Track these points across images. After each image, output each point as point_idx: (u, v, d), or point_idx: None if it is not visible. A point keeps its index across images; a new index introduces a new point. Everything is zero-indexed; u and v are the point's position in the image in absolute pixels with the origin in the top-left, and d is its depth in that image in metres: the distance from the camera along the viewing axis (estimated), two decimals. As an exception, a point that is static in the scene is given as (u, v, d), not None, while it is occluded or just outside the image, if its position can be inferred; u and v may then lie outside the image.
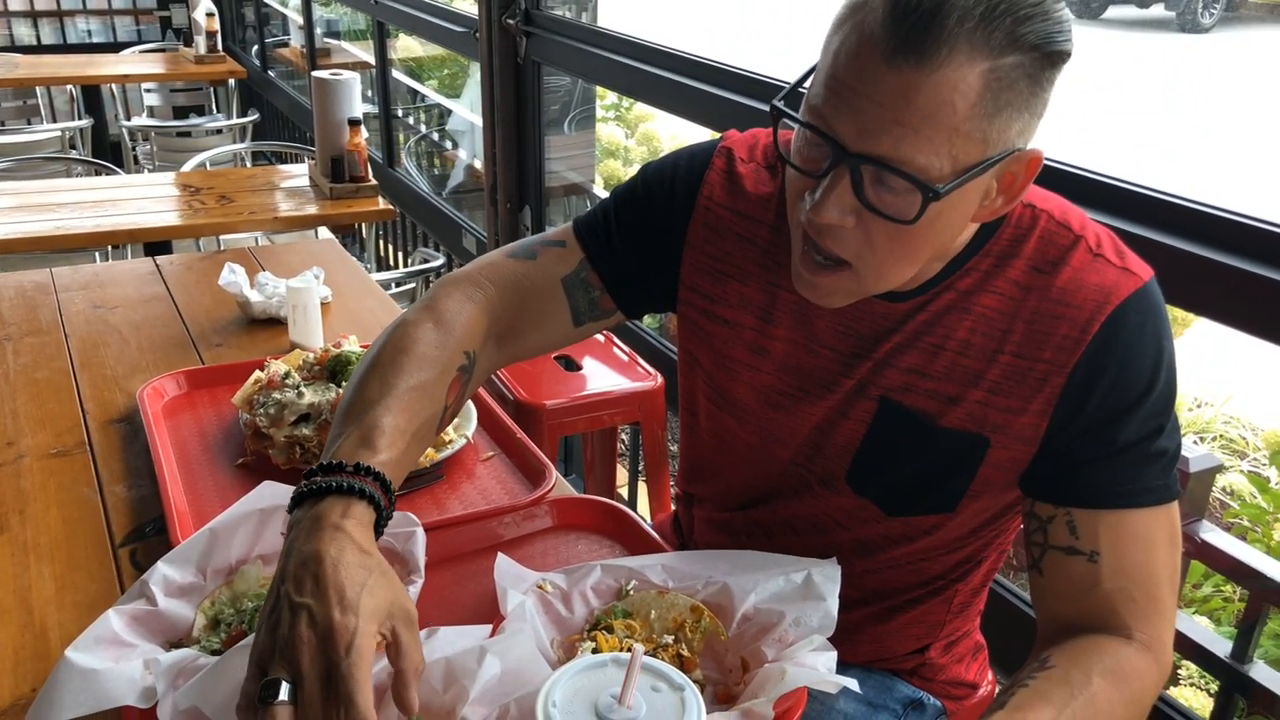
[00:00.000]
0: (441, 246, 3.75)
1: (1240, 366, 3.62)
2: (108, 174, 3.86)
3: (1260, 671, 1.53)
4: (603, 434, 2.42)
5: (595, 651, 0.96)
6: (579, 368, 2.26)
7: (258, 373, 1.45)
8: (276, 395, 1.37)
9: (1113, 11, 11.42)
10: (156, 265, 2.07)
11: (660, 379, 2.24)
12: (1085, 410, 0.97)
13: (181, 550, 1.08)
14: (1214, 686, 2.19)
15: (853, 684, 0.93)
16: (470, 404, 1.47)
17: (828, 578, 1.05)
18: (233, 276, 1.77)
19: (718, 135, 1.21)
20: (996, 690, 1.33)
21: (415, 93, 4.60)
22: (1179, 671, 2.22)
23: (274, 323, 1.78)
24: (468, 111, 4.14)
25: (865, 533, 1.14)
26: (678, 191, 1.14)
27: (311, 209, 3.15)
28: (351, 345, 1.46)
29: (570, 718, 0.70)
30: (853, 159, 0.87)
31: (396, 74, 4.38)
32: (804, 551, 1.11)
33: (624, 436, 3.10)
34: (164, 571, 1.05)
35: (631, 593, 1.08)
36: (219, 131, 5.12)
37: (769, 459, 1.16)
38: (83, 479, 1.34)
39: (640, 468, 2.62)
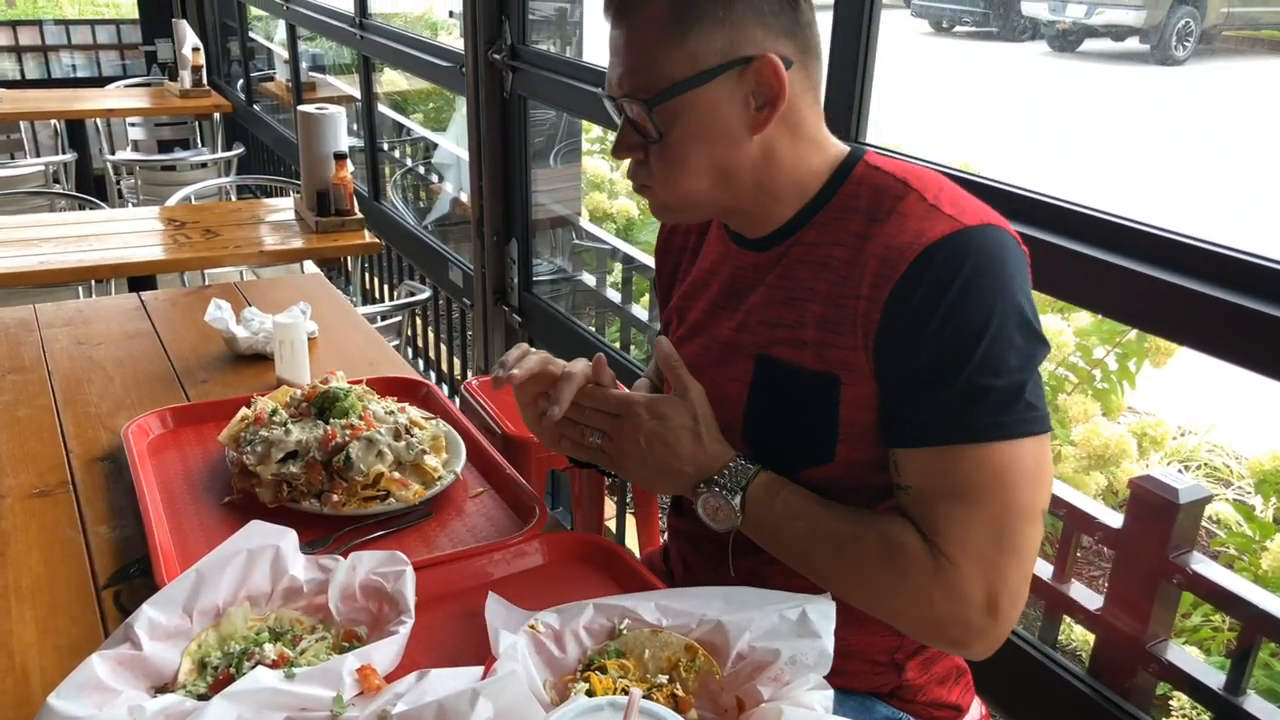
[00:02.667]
0: (428, 280, 3.75)
1: (1223, 395, 3.63)
2: (91, 208, 3.84)
3: (1254, 703, 1.53)
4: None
5: (589, 693, 0.95)
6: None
7: (244, 409, 1.43)
8: (264, 432, 1.35)
9: (1089, 45, 11.59)
10: (141, 301, 2.06)
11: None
12: (897, 344, 1.03)
13: (167, 592, 1.06)
14: (1205, 718, 2.19)
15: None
16: (459, 439, 1.46)
17: (823, 614, 1.04)
18: (219, 312, 1.76)
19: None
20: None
21: (401, 127, 4.61)
22: (1170, 703, 2.21)
23: (260, 359, 1.77)
24: (454, 145, 4.15)
25: None
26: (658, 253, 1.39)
27: (297, 243, 3.15)
28: (339, 381, 1.45)
29: (566, 762, 0.69)
30: (616, 103, 1.10)
31: (382, 108, 4.39)
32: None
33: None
34: (149, 614, 1.04)
35: (625, 632, 1.07)
36: (203, 165, 5.11)
37: None
38: (65, 519, 1.32)
39: (629, 500, 2.61)
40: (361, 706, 0.94)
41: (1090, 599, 1.72)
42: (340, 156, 3.15)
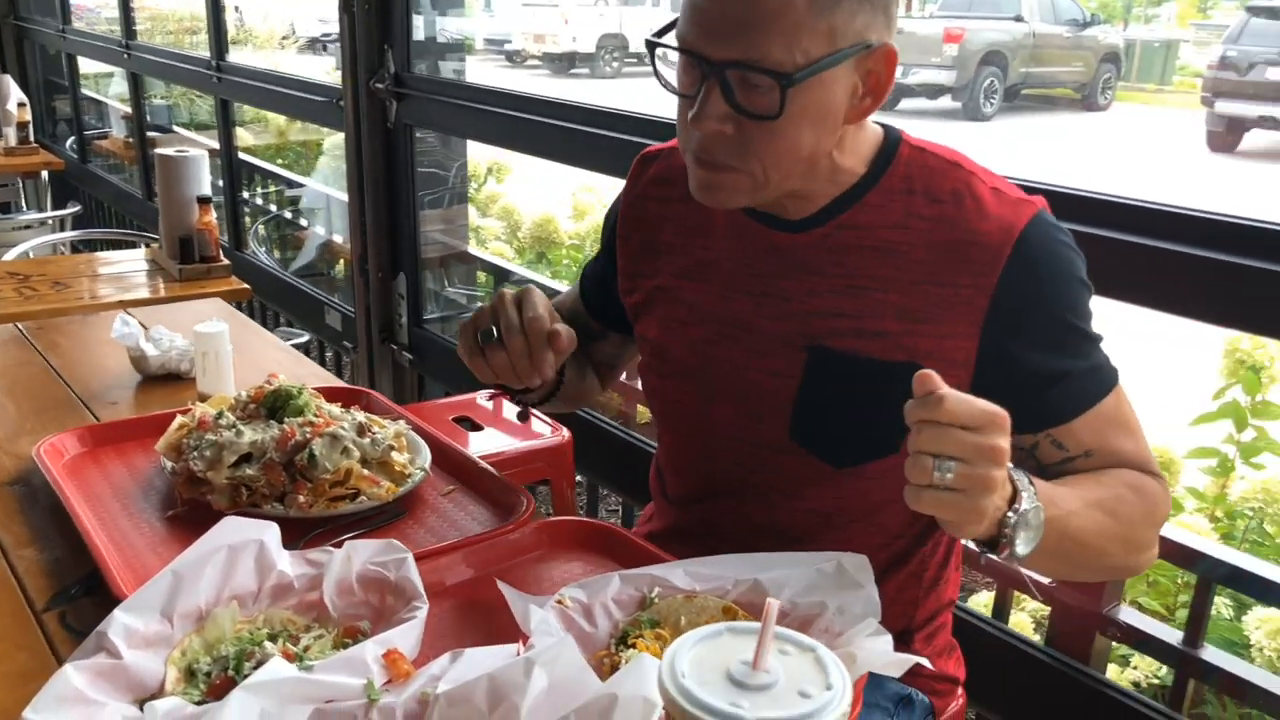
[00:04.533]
0: (300, 328, 3.58)
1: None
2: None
3: (1211, 654, 1.57)
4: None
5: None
6: (481, 428, 2.17)
7: (181, 418, 1.30)
8: (211, 437, 1.23)
9: (906, 103, 12.29)
10: (19, 329, 1.86)
11: (567, 434, 2.17)
12: (1014, 327, 1.04)
13: (141, 596, 0.93)
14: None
15: (924, 661, 0.89)
16: (419, 438, 1.37)
17: (858, 566, 1.00)
18: (126, 329, 1.61)
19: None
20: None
21: (263, 174, 4.42)
22: (1131, 661, 2.27)
23: (173, 378, 1.62)
24: (322, 186, 4.01)
25: (815, 497, 1.15)
26: (610, 218, 1.31)
27: (159, 292, 2.96)
28: (285, 381, 1.34)
29: (704, 686, 0.63)
30: (717, 68, 0.98)
31: (242, 156, 4.20)
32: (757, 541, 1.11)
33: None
34: (124, 621, 0.91)
35: (656, 600, 1.00)
36: (28, 226, 4.76)
37: (710, 426, 1.17)
38: (-18, 547, 1.16)
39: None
40: (396, 693, 0.84)
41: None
42: (204, 200, 2.99)
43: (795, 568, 1.01)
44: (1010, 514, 0.87)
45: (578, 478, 2.53)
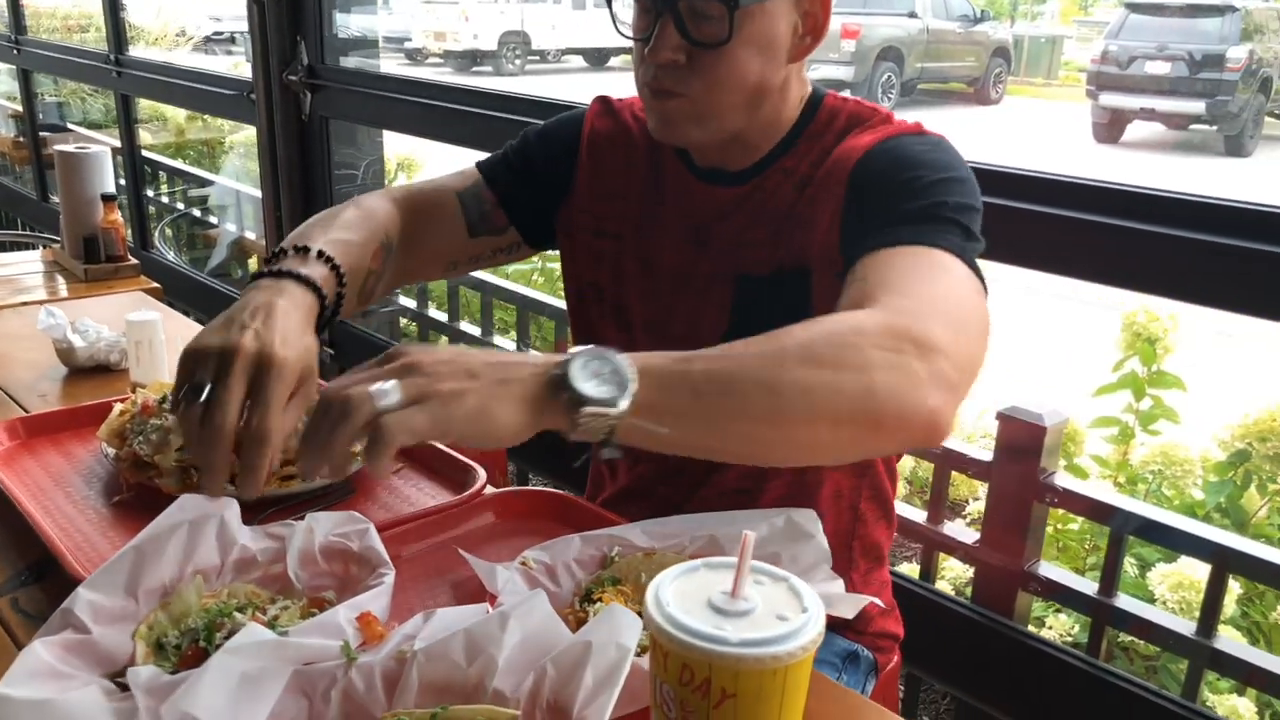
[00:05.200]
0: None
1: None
2: None
3: (1123, 602, 1.67)
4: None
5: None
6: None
7: (119, 405, 1.29)
8: (156, 421, 1.22)
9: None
10: (-71, 329, 1.80)
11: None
12: (859, 200, 1.08)
13: (104, 573, 0.93)
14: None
15: (877, 600, 0.94)
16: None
17: (807, 518, 1.05)
18: (52, 320, 1.57)
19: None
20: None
21: (160, 173, 4.31)
22: (1046, 622, 2.38)
23: (102, 370, 1.59)
24: (232, 181, 3.93)
25: None
26: (566, 134, 1.32)
27: (63, 293, 2.87)
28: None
29: (689, 614, 0.66)
30: (669, 2, 1.07)
31: (146, 154, 4.09)
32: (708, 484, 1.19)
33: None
34: (88, 598, 0.90)
35: (617, 559, 1.04)
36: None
37: None
38: (-83, 540, 1.13)
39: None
40: (372, 653, 0.86)
41: (967, 535, 1.82)
42: (109, 198, 2.91)
43: (748, 523, 1.05)
44: (556, 371, 0.79)
45: (509, 467, 2.54)
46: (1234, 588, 2.16)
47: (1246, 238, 1.33)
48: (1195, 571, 2.22)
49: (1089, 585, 1.69)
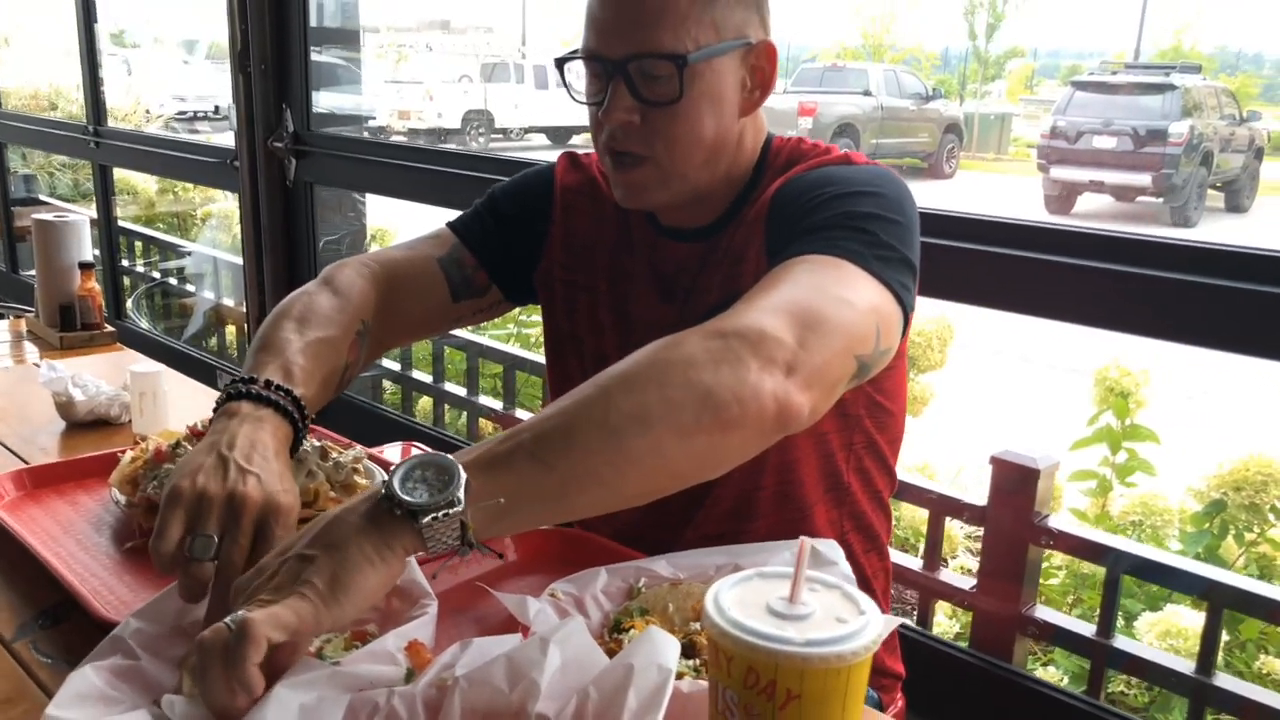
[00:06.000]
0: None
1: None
2: None
3: (1121, 642, 1.69)
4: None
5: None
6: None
7: (130, 451, 1.28)
8: (170, 466, 1.21)
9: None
10: (-79, 388, 1.78)
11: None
12: (777, 220, 1.11)
13: (153, 607, 0.93)
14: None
15: (909, 620, 0.95)
16: (377, 467, 1.37)
17: (829, 547, 1.06)
18: (53, 374, 1.56)
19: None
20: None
21: (137, 243, 4.30)
22: (1050, 668, 2.39)
23: (102, 424, 1.58)
24: (210, 249, 3.93)
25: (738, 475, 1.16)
26: (537, 189, 1.33)
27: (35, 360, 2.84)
28: (237, 414, 1.33)
29: (751, 619, 0.67)
30: (619, 64, 1.09)
31: (122, 223, 4.09)
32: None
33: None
34: (136, 625, 0.90)
35: (643, 590, 1.04)
36: None
37: None
38: (-74, 588, 1.11)
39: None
40: (413, 682, 0.86)
41: (964, 581, 1.84)
42: (86, 267, 2.91)
43: (771, 553, 1.06)
44: (382, 495, 0.79)
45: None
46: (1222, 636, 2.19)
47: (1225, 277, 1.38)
48: (1181, 619, 2.25)
49: (1087, 627, 1.71)
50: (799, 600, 0.69)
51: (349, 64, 3.09)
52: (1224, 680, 1.58)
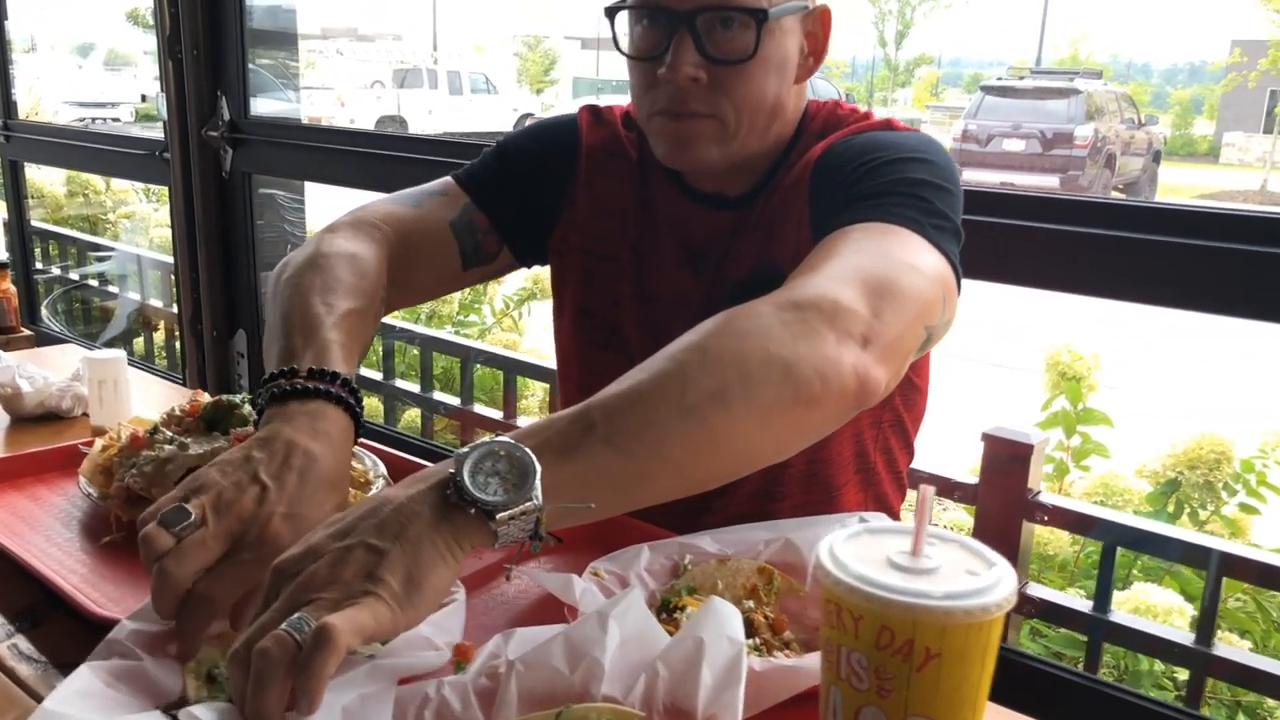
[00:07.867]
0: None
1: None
2: None
3: (1118, 616, 1.68)
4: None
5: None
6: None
7: (100, 441, 1.17)
8: (149, 453, 1.11)
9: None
10: None
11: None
12: (826, 198, 1.05)
13: (149, 607, 0.83)
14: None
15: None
16: (369, 453, 1.28)
17: (882, 520, 1.02)
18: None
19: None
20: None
21: (52, 243, 4.07)
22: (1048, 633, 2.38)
23: (53, 418, 1.45)
24: (133, 248, 3.73)
25: None
26: (560, 145, 1.23)
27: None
28: (204, 397, 1.23)
29: (869, 569, 0.61)
30: (686, 17, 1.01)
31: (36, 223, 3.86)
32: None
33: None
34: (134, 627, 0.81)
35: (690, 567, 0.98)
36: None
37: None
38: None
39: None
40: (464, 672, 0.78)
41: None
42: (1, 267, 2.76)
43: (822, 525, 1.01)
44: (452, 492, 0.71)
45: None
46: (1189, 610, 2.21)
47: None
48: (1150, 595, 2.26)
49: (1083, 603, 1.70)
50: (922, 553, 0.63)
51: (284, 68, 2.96)
52: (1224, 650, 1.58)
